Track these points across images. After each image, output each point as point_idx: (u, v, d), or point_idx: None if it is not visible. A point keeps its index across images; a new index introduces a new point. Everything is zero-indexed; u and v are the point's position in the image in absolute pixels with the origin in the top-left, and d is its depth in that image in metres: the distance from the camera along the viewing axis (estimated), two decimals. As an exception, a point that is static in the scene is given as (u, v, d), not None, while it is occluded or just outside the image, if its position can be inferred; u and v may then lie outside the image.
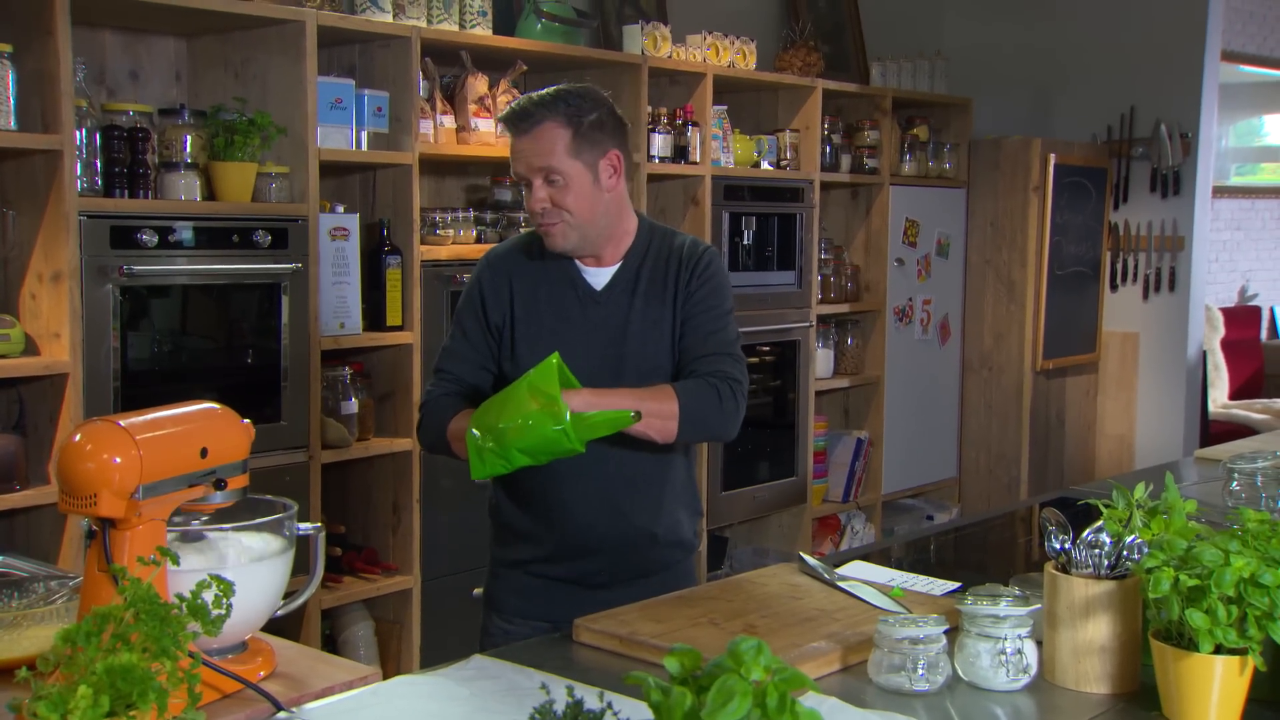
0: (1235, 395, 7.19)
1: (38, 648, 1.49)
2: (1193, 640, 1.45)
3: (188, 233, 2.93)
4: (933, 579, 2.06)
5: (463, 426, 2.01)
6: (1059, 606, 1.60)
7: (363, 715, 1.48)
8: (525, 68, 3.75)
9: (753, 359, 4.36)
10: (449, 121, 3.54)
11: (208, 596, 1.31)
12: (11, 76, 2.67)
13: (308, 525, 1.63)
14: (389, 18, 3.37)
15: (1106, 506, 1.65)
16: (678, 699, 1.01)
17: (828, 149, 4.70)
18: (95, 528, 1.42)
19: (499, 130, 2.21)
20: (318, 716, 1.47)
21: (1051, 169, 5.18)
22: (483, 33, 3.60)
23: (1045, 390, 5.36)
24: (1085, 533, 1.62)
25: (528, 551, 2.17)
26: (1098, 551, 1.60)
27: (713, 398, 2.05)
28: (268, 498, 1.62)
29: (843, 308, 4.84)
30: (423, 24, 3.44)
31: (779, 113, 4.68)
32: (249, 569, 1.52)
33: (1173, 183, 5.46)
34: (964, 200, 5.33)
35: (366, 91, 3.33)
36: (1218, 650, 1.45)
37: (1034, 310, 5.22)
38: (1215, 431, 6.30)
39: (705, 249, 2.18)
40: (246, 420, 1.58)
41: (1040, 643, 1.63)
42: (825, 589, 1.96)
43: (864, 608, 1.86)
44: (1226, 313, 7.31)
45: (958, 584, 2.00)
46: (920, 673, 1.58)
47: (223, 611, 1.31)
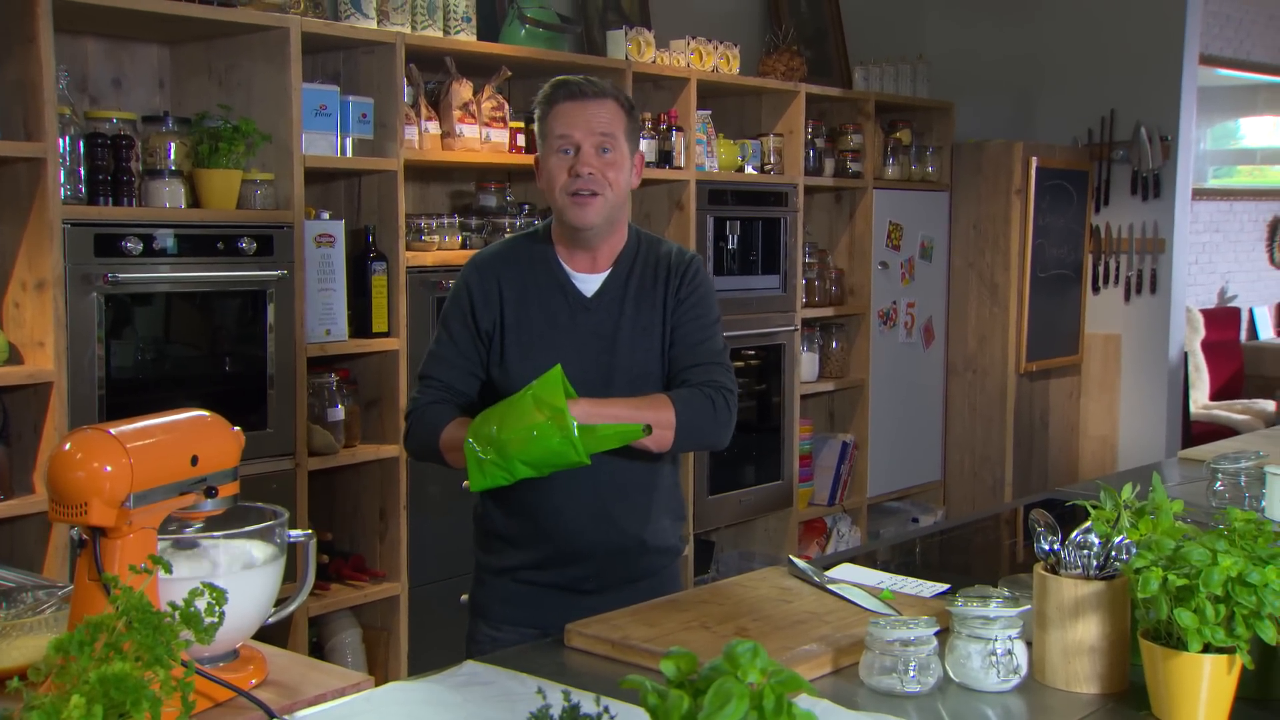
0: (1216, 396, 7.24)
1: (27, 658, 1.49)
2: (1181, 639, 1.46)
3: (172, 240, 2.92)
4: (921, 581, 2.06)
5: (458, 436, 2.01)
6: (1048, 607, 1.61)
7: (355, 722, 1.48)
8: (509, 73, 3.75)
9: (738, 363, 4.37)
10: (434, 127, 3.54)
11: (200, 604, 1.30)
12: (-6, 84, 2.66)
13: (299, 532, 1.63)
14: (373, 24, 3.37)
15: (1094, 507, 1.66)
16: (675, 702, 1.01)
17: (811, 153, 4.72)
18: (85, 537, 1.42)
19: (537, 109, 2.18)
20: (310, 724, 1.47)
21: (1033, 172, 5.21)
22: (467, 39, 3.60)
23: (1029, 392, 5.39)
24: (1074, 533, 1.63)
25: (516, 558, 2.16)
26: (1086, 552, 1.61)
27: (708, 408, 2.07)
28: (258, 505, 1.62)
29: (827, 311, 4.86)
30: (407, 30, 3.43)
31: (763, 117, 4.69)
32: (241, 577, 1.52)
33: (1153, 185, 5.51)
34: (947, 203, 5.35)
35: (351, 98, 3.33)
36: (1206, 649, 1.46)
37: (1017, 313, 5.25)
38: (1197, 432, 6.34)
39: (692, 257, 2.20)
40: (236, 428, 1.57)
41: (1030, 643, 1.64)
42: (815, 592, 1.97)
43: (854, 610, 1.87)
44: (1206, 314, 7.37)
45: (946, 586, 2.01)
46: (911, 674, 1.59)
47: (215, 619, 1.31)
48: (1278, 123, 8.20)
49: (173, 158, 2.99)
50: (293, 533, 1.62)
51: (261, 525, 1.57)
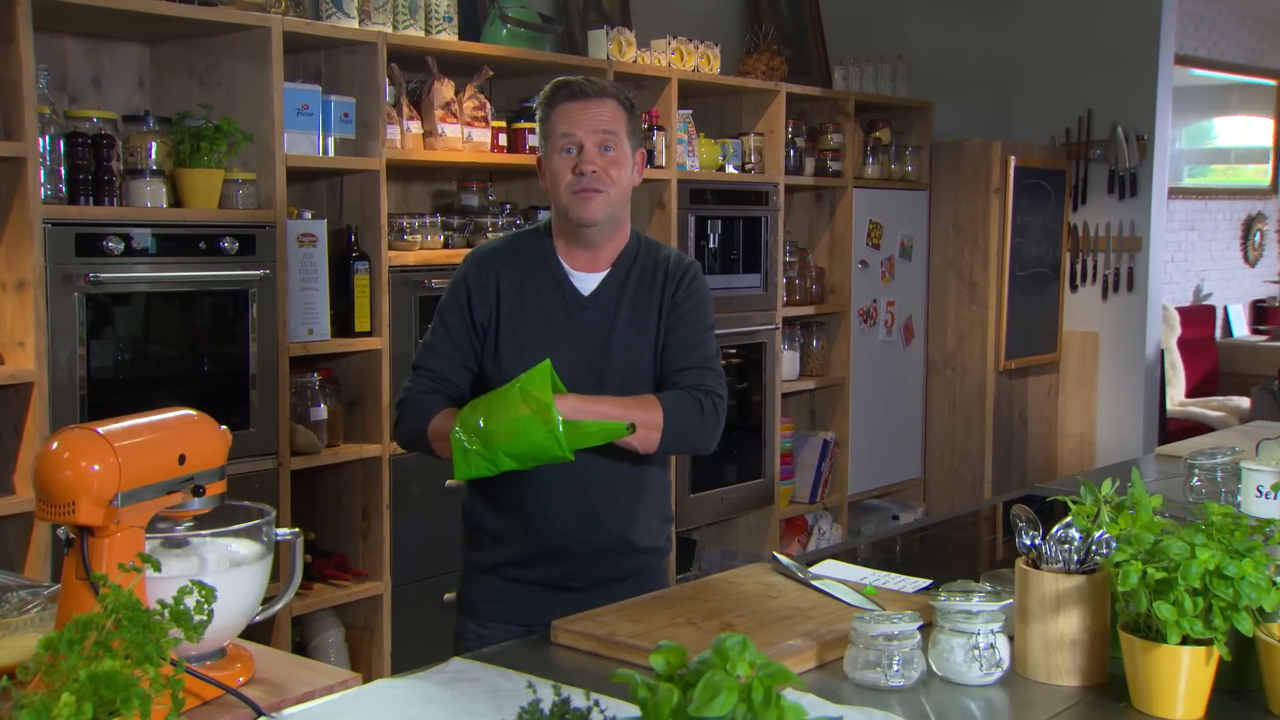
0: (1192, 393, 7.31)
1: (13, 658, 1.48)
2: (1160, 632, 1.48)
3: (154, 240, 2.91)
4: (904, 577, 2.08)
5: (446, 426, 2.02)
6: (1030, 601, 1.63)
7: (344, 719, 1.48)
8: (491, 73, 3.76)
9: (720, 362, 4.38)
10: (415, 127, 3.54)
11: (189, 602, 1.31)
12: (-26, 83, 2.65)
13: (285, 530, 1.63)
14: (355, 23, 3.37)
15: (1075, 503, 1.68)
16: (665, 695, 1.02)
17: (792, 152, 4.74)
18: (73, 536, 1.42)
19: (540, 109, 2.19)
20: (299, 721, 1.47)
21: (1012, 171, 5.24)
22: (448, 38, 3.60)
23: (1008, 390, 5.43)
24: (1055, 528, 1.65)
25: (502, 555, 2.17)
26: (1067, 547, 1.63)
27: (696, 411, 2.09)
28: (245, 504, 1.62)
29: (808, 310, 4.88)
30: (389, 29, 3.43)
31: (743, 116, 4.71)
32: (229, 575, 1.52)
33: (1130, 184, 5.55)
34: (926, 202, 5.38)
35: (333, 97, 3.33)
36: (1185, 641, 1.48)
37: (996, 311, 5.28)
38: (1173, 429, 6.39)
39: (691, 263, 2.23)
40: (223, 427, 1.57)
41: (1012, 637, 1.66)
42: (799, 588, 1.98)
43: (838, 606, 1.88)
44: (1182, 312, 7.43)
45: (929, 581, 2.03)
46: (895, 668, 1.61)
47: (204, 617, 1.31)
48: (1251, 122, 8.28)
49: (154, 157, 2.98)
50: (280, 531, 1.62)
51: (250, 524, 1.58)
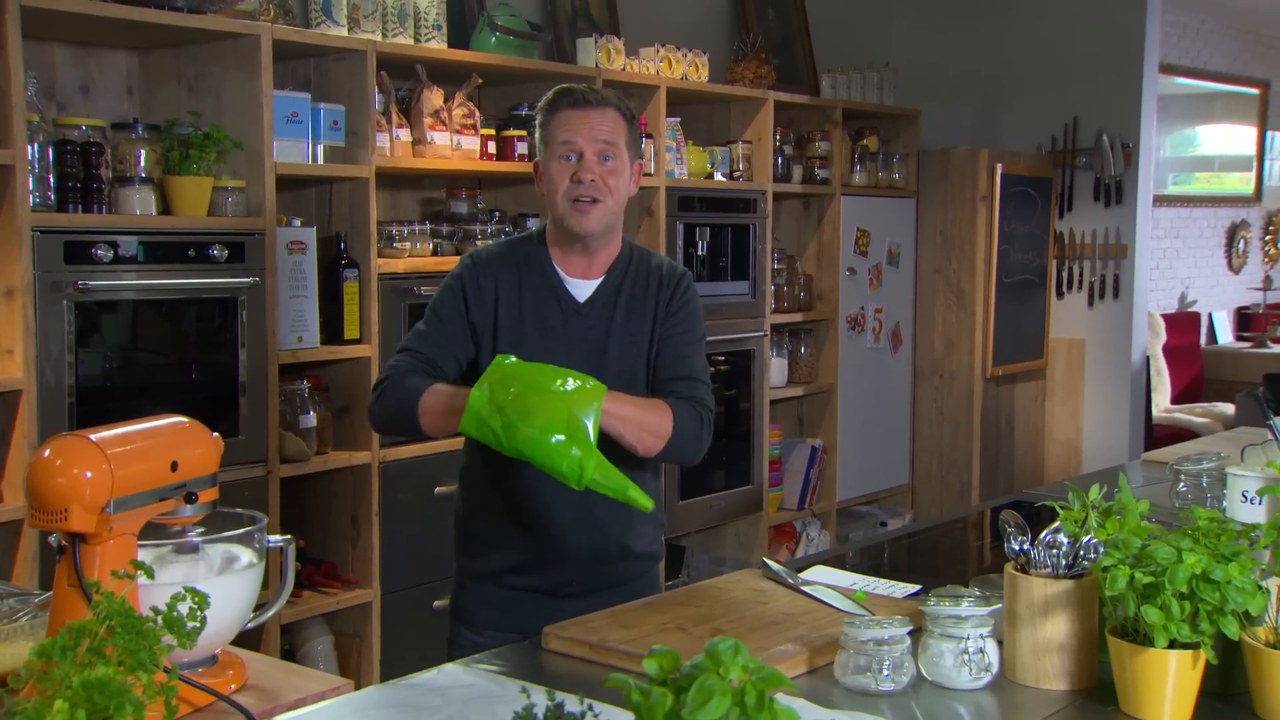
0: (1177, 400, 7.35)
1: (4, 666, 1.48)
2: (1148, 636, 1.50)
3: (143, 248, 2.90)
4: (893, 582, 2.09)
5: (437, 400, 2.01)
6: (1019, 606, 1.64)
7: (336, 726, 1.48)
8: (480, 81, 3.77)
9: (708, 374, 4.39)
10: (405, 135, 3.55)
11: (182, 609, 1.31)
12: (-38, 91, 2.64)
13: (278, 537, 1.63)
14: (344, 31, 3.37)
15: (1063, 508, 1.70)
16: (658, 700, 1.03)
17: (779, 160, 4.76)
18: (65, 543, 1.42)
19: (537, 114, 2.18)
20: (291, 728, 1.48)
21: (998, 179, 5.27)
22: (437, 46, 3.61)
23: (995, 397, 5.45)
24: (1043, 534, 1.66)
25: (499, 562, 2.18)
26: (1056, 552, 1.64)
27: (696, 423, 2.12)
28: (237, 511, 1.62)
29: (796, 317, 4.90)
30: (378, 38, 3.44)
31: (731, 124, 4.73)
32: (221, 582, 1.52)
33: (1115, 192, 5.59)
34: (914, 210, 5.41)
35: (322, 105, 3.33)
36: (1172, 645, 1.49)
37: (983, 318, 5.31)
38: (1159, 435, 6.43)
39: (685, 273, 2.26)
40: (215, 434, 1.58)
41: (1001, 642, 1.67)
42: (789, 593, 1.99)
43: (828, 611, 1.89)
44: (1168, 319, 7.48)
45: (918, 586, 2.04)
46: (885, 673, 1.61)
47: (198, 624, 1.31)
48: (1235, 130, 8.34)
49: (143, 165, 2.98)
50: (272, 538, 1.62)
51: (242, 530, 1.58)
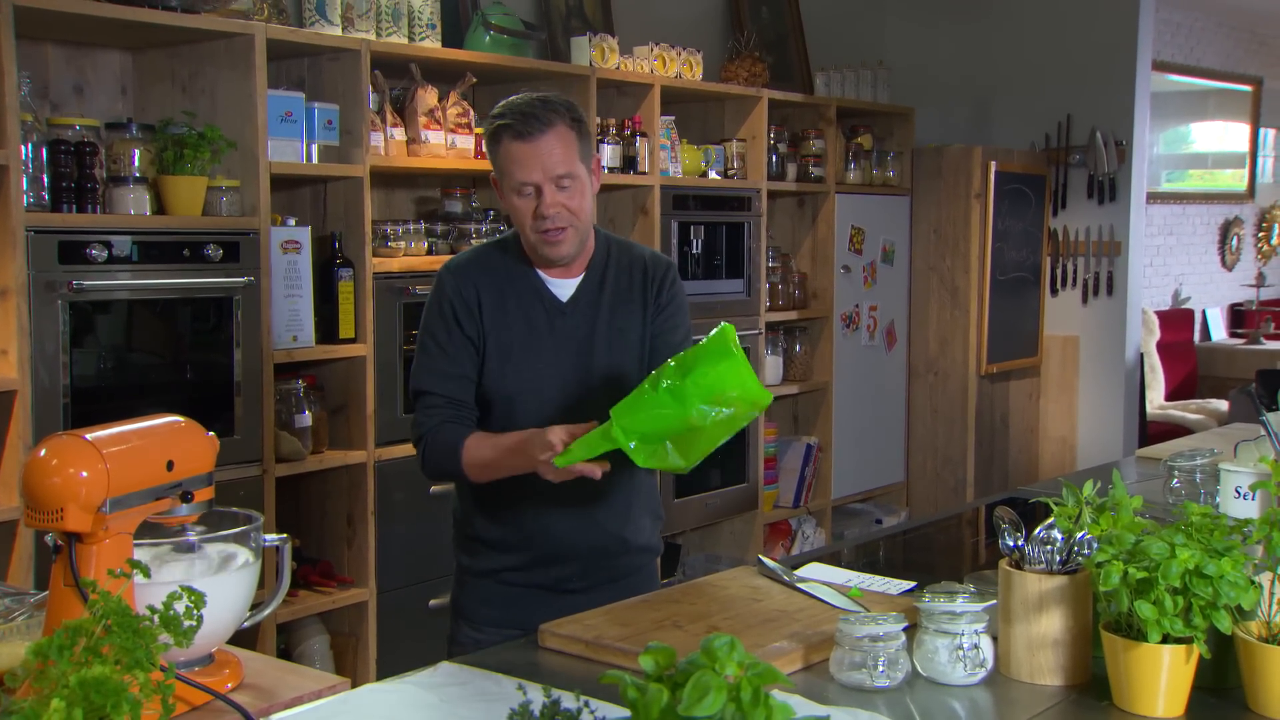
0: (1171, 396, 7.37)
1: (0, 665, 1.48)
2: (1141, 631, 1.50)
3: (137, 247, 2.90)
4: (889, 579, 2.10)
5: (480, 454, 2.04)
6: (1013, 602, 1.64)
7: (333, 724, 1.49)
8: (474, 80, 3.77)
9: (703, 367, 4.39)
10: (399, 134, 3.55)
11: (179, 608, 1.31)
12: (-44, 91, 2.64)
13: (274, 536, 1.64)
14: (338, 31, 3.37)
15: (1057, 504, 1.70)
16: (654, 696, 1.03)
17: (774, 158, 4.76)
18: (61, 542, 1.42)
19: (481, 137, 2.17)
20: (288, 727, 1.48)
21: (992, 176, 5.28)
22: (432, 45, 3.61)
23: (989, 394, 5.46)
24: (1037, 530, 1.67)
25: (500, 561, 2.18)
26: (1050, 548, 1.65)
27: None
28: (233, 510, 1.63)
29: (791, 315, 4.90)
30: (372, 37, 3.44)
31: (725, 123, 4.73)
32: (218, 581, 1.52)
33: (1109, 189, 5.60)
34: (908, 208, 5.41)
35: (316, 105, 3.33)
36: (1165, 640, 1.50)
37: (977, 315, 5.31)
38: (1153, 432, 6.45)
39: (670, 263, 2.25)
40: (211, 433, 1.58)
41: (996, 638, 1.67)
42: (785, 590, 2.00)
43: (824, 608, 1.90)
44: (1161, 316, 7.49)
45: (913, 583, 2.05)
46: (880, 669, 1.62)
47: (194, 623, 1.32)
48: (1228, 127, 8.35)
49: (137, 165, 2.98)
50: (268, 537, 1.63)
51: (238, 529, 1.58)
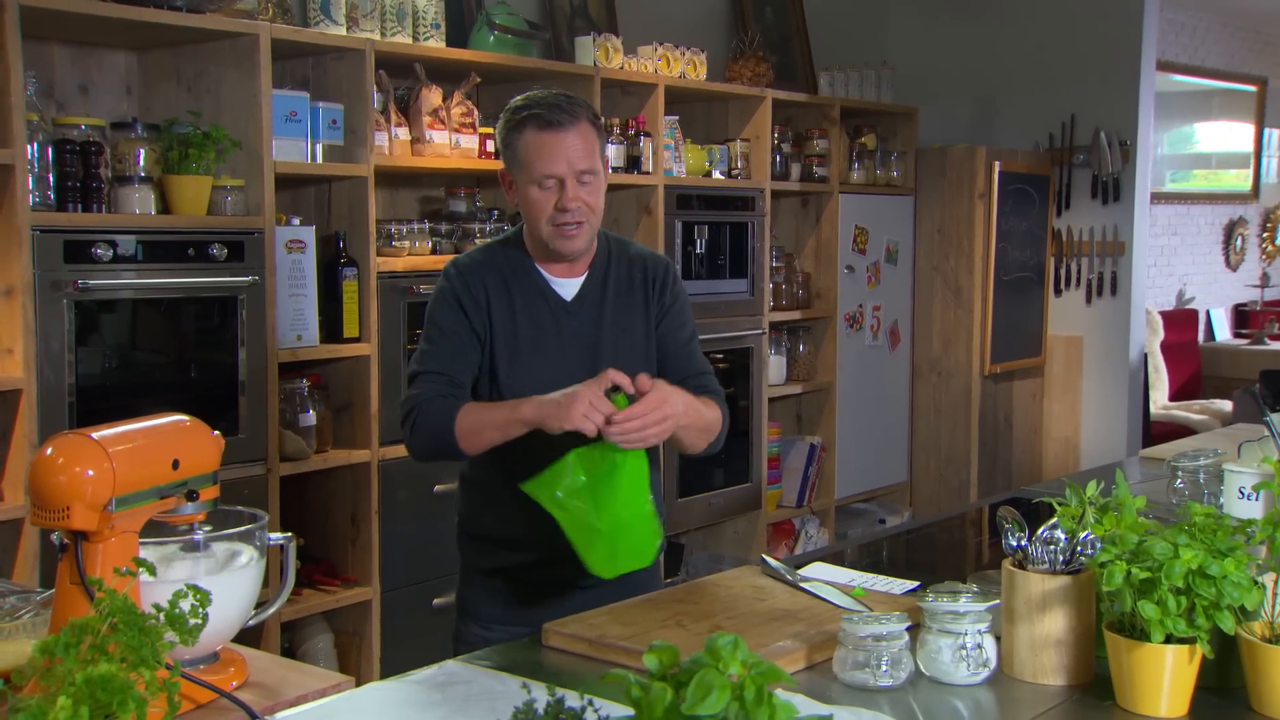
0: (1175, 396, 7.36)
1: (6, 664, 1.49)
2: (1144, 631, 1.50)
3: (142, 247, 2.91)
4: (892, 579, 2.10)
5: (474, 418, 2.02)
6: (1016, 601, 1.65)
7: (337, 722, 1.49)
8: (479, 79, 3.77)
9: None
10: (403, 133, 3.55)
11: (185, 606, 1.32)
12: (-38, 90, 2.64)
13: (279, 535, 1.64)
14: (342, 30, 3.38)
15: (1060, 504, 1.70)
16: (658, 694, 1.03)
17: (778, 158, 4.76)
18: (67, 541, 1.42)
19: (504, 130, 2.16)
20: (292, 725, 1.48)
21: (996, 176, 5.28)
22: (436, 45, 3.61)
23: (993, 394, 5.46)
24: (1041, 530, 1.67)
25: (509, 559, 2.18)
26: (1053, 548, 1.65)
27: (728, 417, 2.21)
28: (238, 509, 1.63)
29: (794, 315, 4.90)
30: (376, 36, 3.45)
31: (729, 123, 4.73)
32: (223, 579, 1.53)
33: (1113, 189, 5.59)
34: (911, 208, 5.41)
35: (321, 104, 3.34)
36: (1168, 640, 1.50)
37: (981, 315, 5.31)
38: (1156, 432, 6.44)
39: (668, 262, 2.27)
40: (216, 432, 1.58)
41: (999, 637, 1.68)
42: (788, 590, 2.00)
43: (827, 607, 1.90)
44: (1165, 316, 7.48)
45: (916, 583, 2.05)
46: (884, 669, 1.62)
47: (200, 621, 1.32)
48: (1232, 128, 8.34)
49: (142, 164, 2.98)
50: (273, 536, 1.63)
51: (243, 528, 1.59)
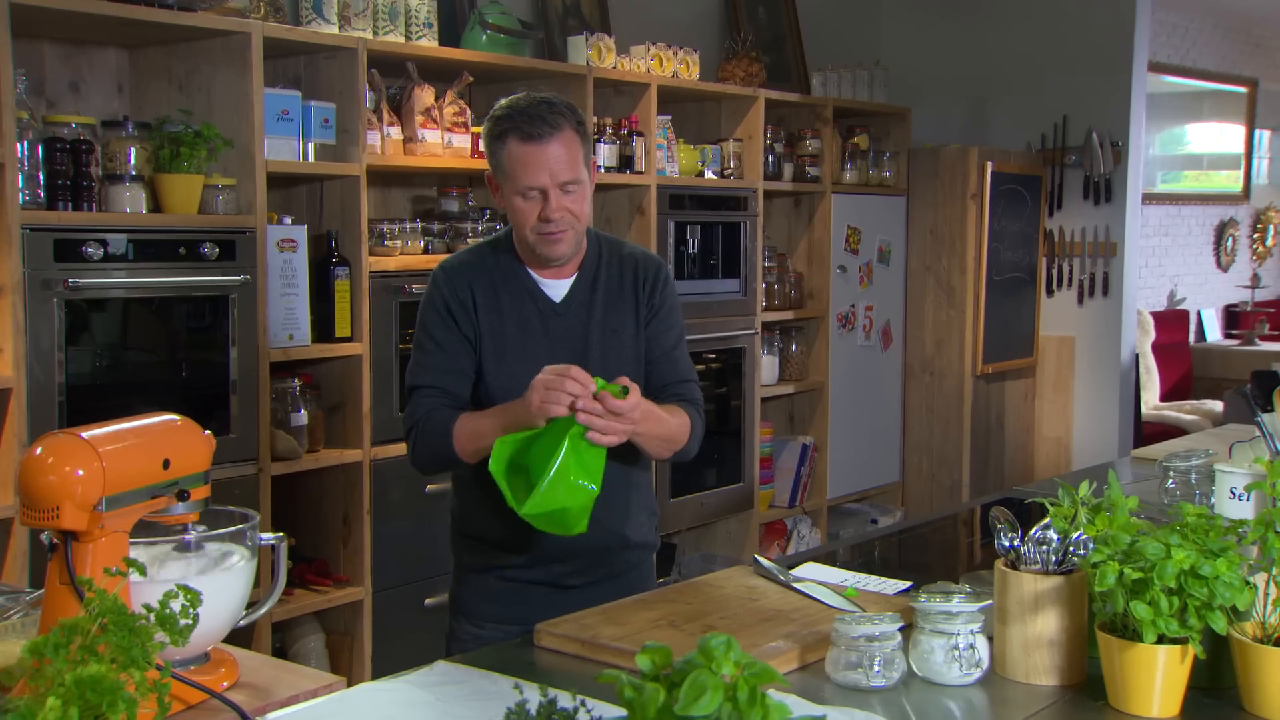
0: (1166, 397, 7.37)
1: (-5, 664, 1.48)
2: (1136, 631, 1.51)
3: (133, 245, 2.90)
4: (884, 579, 2.10)
5: (468, 428, 2.05)
6: (1009, 602, 1.65)
7: (329, 723, 1.49)
8: (471, 79, 3.77)
9: (699, 366, 4.40)
10: (396, 132, 3.55)
11: (175, 606, 1.31)
12: (-48, 88, 2.63)
13: (270, 535, 1.63)
14: (335, 29, 3.37)
15: (1052, 505, 1.70)
16: (651, 695, 1.03)
17: (770, 158, 4.76)
18: (56, 541, 1.42)
19: (484, 137, 2.16)
20: (283, 725, 1.48)
21: (988, 177, 5.28)
22: (428, 44, 3.61)
23: (985, 394, 5.46)
24: (1033, 530, 1.67)
25: (501, 558, 2.18)
26: (1045, 548, 1.65)
27: (701, 428, 2.19)
28: (229, 508, 1.62)
29: (787, 315, 4.90)
30: (369, 35, 3.44)
31: (722, 122, 4.73)
32: (213, 579, 1.52)
33: (1104, 190, 5.61)
34: (904, 208, 5.42)
35: (313, 103, 3.33)
36: (1160, 640, 1.50)
37: (973, 316, 5.32)
38: (1148, 432, 6.45)
39: (661, 263, 2.26)
40: (207, 431, 1.58)
41: (991, 638, 1.68)
42: (781, 590, 2.00)
43: (819, 608, 1.90)
44: (1157, 316, 7.50)
45: (909, 583, 2.05)
46: (876, 669, 1.62)
47: (190, 621, 1.31)
48: (1223, 129, 8.37)
49: (133, 163, 2.97)
50: (264, 536, 1.62)
51: (234, 528, 1.58)
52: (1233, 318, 8.38)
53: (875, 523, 5.31)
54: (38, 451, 1.40)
